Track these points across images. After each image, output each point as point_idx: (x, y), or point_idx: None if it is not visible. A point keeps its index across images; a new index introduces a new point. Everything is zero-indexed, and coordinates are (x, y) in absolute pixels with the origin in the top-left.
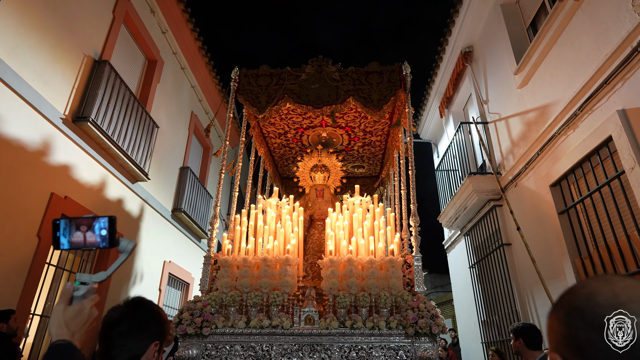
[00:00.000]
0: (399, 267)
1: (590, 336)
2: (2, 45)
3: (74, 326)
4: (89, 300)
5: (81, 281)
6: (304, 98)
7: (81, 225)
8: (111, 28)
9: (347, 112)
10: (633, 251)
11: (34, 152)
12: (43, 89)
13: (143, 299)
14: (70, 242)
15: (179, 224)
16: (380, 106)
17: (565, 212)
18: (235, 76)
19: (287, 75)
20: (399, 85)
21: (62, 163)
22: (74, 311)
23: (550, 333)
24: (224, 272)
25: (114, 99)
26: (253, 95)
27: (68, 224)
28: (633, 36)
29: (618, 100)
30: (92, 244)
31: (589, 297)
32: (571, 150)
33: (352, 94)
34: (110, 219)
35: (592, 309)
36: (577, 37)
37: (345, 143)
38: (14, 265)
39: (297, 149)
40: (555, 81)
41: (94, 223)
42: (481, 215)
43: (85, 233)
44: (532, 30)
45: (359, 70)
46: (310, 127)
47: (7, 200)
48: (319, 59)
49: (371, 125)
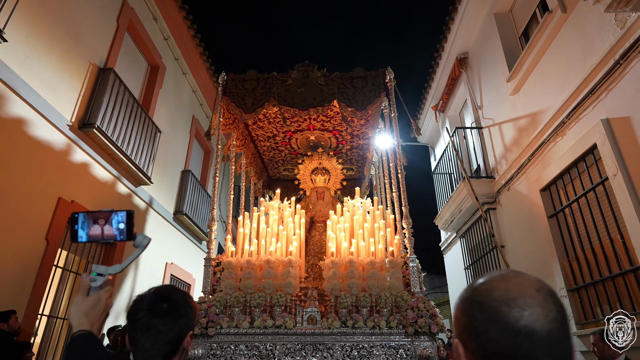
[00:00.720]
0: (398, 268)
1: (485, 326)
2: (13, 56)
3: (92, 316)
4: (105, 292)
5: (98, 272)
6: (290, 101)
7: (99, 219)
8: (115, 36)
9: (334, 116)
10: (616, 254)
11: (42, 158)
12: (51, 97)
13: (176, 287)
14: (89, 235)
15: (180, 226)
16: (364, 106)
17: (554, 215)
18: (222, 80)
19: (274, 79)
20: (383, 89)
21: (69, 168)
22: (92, 302)
23: (455, 322)
24: (228, 273)
25: (118, 105)
26: (239, 97)
27: (86, 217)
28: (616, 49)
29: (602, 110)
30: (110, 237)
31: (487, 292)
32: (559, 156)
33: (336, 96)
34: (128, 212)
35: (488, 302)
36: (564, 48)
37: (334, 146)
38: (24, 267)
39: (287, 151)
40: (545, 89)
41: (112, 217)
42: (475, 218)
43: (103, 226)
44: (524, 39)
45: (343, 75)
46: (299, 131)
47: (17, 204)
48: (304, 65)
49: (358, 129)
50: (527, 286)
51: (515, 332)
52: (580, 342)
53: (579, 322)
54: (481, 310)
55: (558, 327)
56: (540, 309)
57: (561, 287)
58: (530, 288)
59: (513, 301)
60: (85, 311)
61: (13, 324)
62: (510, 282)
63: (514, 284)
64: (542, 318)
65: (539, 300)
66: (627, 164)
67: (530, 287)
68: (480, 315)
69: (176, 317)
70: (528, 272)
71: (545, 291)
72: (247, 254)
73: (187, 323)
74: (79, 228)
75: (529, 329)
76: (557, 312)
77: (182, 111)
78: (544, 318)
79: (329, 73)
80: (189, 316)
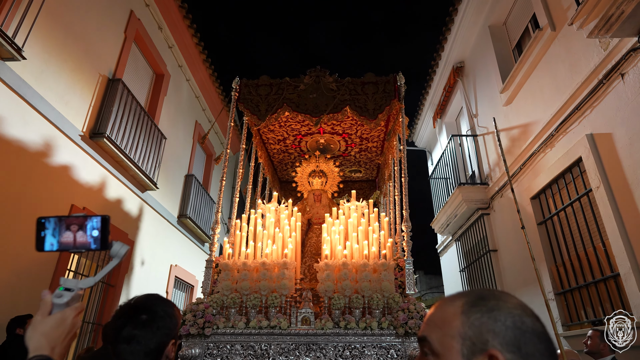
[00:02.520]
0: (390, 270)
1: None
2: (30, 72)
3: (54, 338)
4: (72, 309)
5: (65, 287)
6: (302, 107)
7: (72, 225)
8: (123, 47)
9: (344, 119)
10: (598, 261)
11: (56, 167)
12: (64, 109)
13: (159, 296)
14: (60, 242)
15: (184, 229)
16: (375, 115)
17: (543, 223)
18: (236, 86)
19: (286, 85)
20: (394, 96)
21: (81, 176)
22: (54, 321)
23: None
24: (225, 275)
25: (126, 115)
26: (253, 104)
27: (58, 223)
28: (599, 69)
29: (587, 125)
30: (83, 245)
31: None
32: (548, 167)
33: (348, 103)
34: (103, 218)
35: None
36: (554, 64)
37: (343, 149)
38: (39, 272)
39: (296, 154)
40: (536, 102)
41: (86, 222)
42: (470, 223)
43: (76, 233)
44: (518, 51)
45: (355, 81)
46: (309, 134)
47: (33, 212)
48: (316, 70)
49: (367, 132)
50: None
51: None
52: (566, 343)
53: (565, 324)
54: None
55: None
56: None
57: (549, 291)
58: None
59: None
60: (45, 332)
61: None
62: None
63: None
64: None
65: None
66: (609, 177)
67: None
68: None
69: (155, 328)
70: (519, 275)
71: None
72: (243, 256)
73: (168, 333)
74: (48, 234)
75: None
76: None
77: (186, 117)
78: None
79: (340, 78)
80: (169, 326)
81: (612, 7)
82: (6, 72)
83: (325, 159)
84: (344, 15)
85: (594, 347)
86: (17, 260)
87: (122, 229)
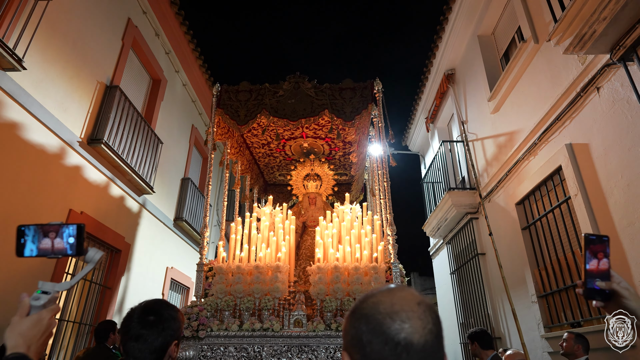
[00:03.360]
0: (381, 273)
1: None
2: (30, 81)
3: (30, 337)
4: (48, 311)
5: (43, 290)
6: (281, 112)
7: (50, 232)
8: (120, 54)
9: (325, 124)
10: (577, 265)
11: (55, 173)
12: (63, 115)
13: (165, 301)
14: (39, 248)
15: (180, 232)
16: (352, 117)
17: (527, 228)
18: (216, 92)
19: (266, 91)
20: (371, 100)
21: (79, 181)
22: (31, 321)
23: (344, 334)
24: (219, 278)
25: (123, 121)
26: (233, 109)
27: (37, 230)
28: (577, 82)
29: (567, 135)
30: (60, 251)
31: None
32: (532, 174)
33: (326, 107)
34: (78, 226)
35: (374, 316)
36: (537, 75)
37: (327, 152)
38: (38, 275)
39: (281, 157)
40: (521, 111)
41: (63, 230)
42: (460, 227)
43: (54, 240)
44: (505, 60)
45: (333, 87)
46: (292, 138)
47: (32, 216)
48: (295, 76)
49: (350, 136)
50: (409, 300)
51: (395, 344)
52: (548, 344)
53: (546, 326)
54: (367, 322)
55: (433, 338)
56: (419, 322)
57: (532, 294)
58: (412, 302)
59: (396, 314)
60: (21, 332)
61: None
62: (395, 296)
63: (399, 297)
64: (419, 330)
65: (418, 314)
66: (586, 186)
67: (412, 301)
68: (366, 327)
69: (161, 328)
70: (505, 278)
71: (425, 305)
72: (237, 259)
73: (172, 334)
74: (28, 241)
75: (408, 341)
76: (433, 325)
77: (182, 121)
78: (421, 330)
79: (319, 84)
80: (173, 328)
81: (585, 27)
82: (7, 82)
83: (319, 163)
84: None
85: (569, 349)
86: (18, 263)
87: (119, 232)
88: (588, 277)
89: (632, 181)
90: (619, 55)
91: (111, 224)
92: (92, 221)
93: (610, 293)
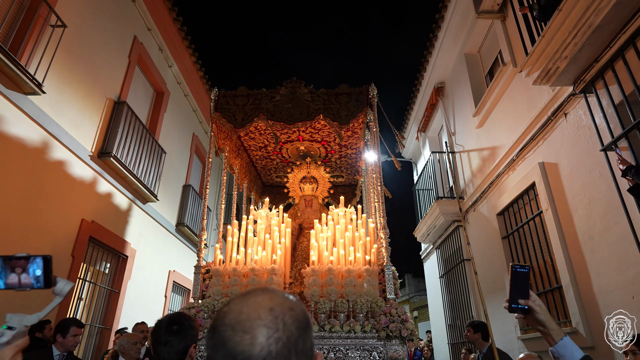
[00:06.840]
0: (374, 275)
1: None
2: (48, 103)
3: None
4: (12, 348)
5: (9, 325)
6: (277, 116)
7: (16, 267)
8: (127, 71)
9: (322, 128)
10: (547, 273)
11: (68, 185)
12: (75, 132)
13: (185, 313)
14: (6, 283)
15: (182, 237)
16: (347, 120)
17: (506, 237)
18: (214, 97)
19: (263, 95)
20: (366, 104)
21: (89, 192)
22: None
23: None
24: (216, 280)
25: (130, 134)
26: (230, 113)
27: (3, 266)
28: (549, 107)
29: (540, 154)
30: (27, 285)
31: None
32: (510, 187)
33: (322, 111)
34: (44, 258)
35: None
36: (515, 97)
37: (323, 155)
38: None
39: (278, 160)
40: (501, 129)
41: (29, 265)
42: (448, 233)
43: (20, 275)
44: (490, 77)
45: (329, 92)
46: (289, 141)
47: (47, 226)
48: (292, 81)
49: (345, 140)
50: (262, 306)
51: (233, 357)
52: (524, 345)
53: (522, 328)
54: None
55: (281, 347)
56: (264, 330)
57: None
58: (263, 308)
59: (238, 324)
60: None
61: (47, 333)
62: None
63: (250, 304)
64: (262, 341)
65: (265, 321)
66: (555, 202)
67: (264, 307)
68: (212, 341)
69: (183, 335)
70: (487, 284)
71: (280, 309)
72: (234, 262)
73: (191, 339)
74: None
75: (245, 354)
76: (283, 332)
77: (184, 130)
78: (265, 340)
79: (315, 89)
80: (192, 334)
81: (550, 62)
82: (28, 104)
83: (316, 165)
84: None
85: (471, 338)
86: None
87: (125, 238)
88: (512, 296)
89: (592, 200)
90: (580, 88)
91: (119, 231)
92: (102, 229)
93: (528, 309)
